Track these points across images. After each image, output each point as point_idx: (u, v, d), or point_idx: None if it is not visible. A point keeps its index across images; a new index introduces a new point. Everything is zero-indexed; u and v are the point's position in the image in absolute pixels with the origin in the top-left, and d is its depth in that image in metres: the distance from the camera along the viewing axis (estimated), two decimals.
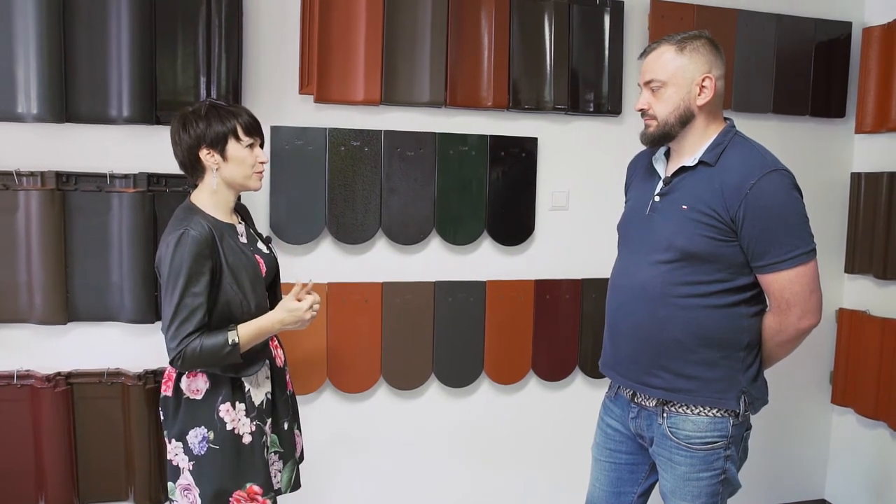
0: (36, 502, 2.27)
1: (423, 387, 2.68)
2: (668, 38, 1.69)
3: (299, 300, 1.77)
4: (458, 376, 2.70)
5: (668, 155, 1.78)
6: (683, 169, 1.69)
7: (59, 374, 2.26)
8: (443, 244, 2.65)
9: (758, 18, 2.88)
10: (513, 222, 2.70)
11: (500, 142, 2.64)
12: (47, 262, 2.19)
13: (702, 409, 1.67)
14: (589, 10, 2.69)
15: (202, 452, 1.74)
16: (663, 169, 1.77)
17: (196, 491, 1.76)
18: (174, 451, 1.78)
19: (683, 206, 1.65)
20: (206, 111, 1.73)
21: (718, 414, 1.66)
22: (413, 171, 2.55)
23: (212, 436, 1.74)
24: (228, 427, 1.74)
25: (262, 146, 1.81)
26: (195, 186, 1.81)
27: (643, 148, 1.86)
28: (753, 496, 3.08)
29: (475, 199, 2.63)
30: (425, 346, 2.64)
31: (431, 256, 2.64)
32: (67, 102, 2.18)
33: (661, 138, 1.71)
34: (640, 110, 1.72)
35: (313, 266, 2.51)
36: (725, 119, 1.74)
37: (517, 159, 2.67)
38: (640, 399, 1.76)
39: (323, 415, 2.59)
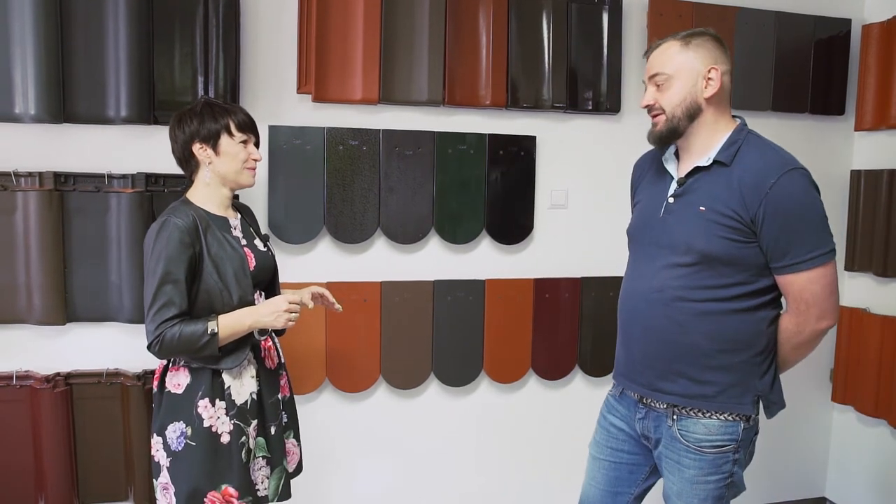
0: (36, 503, 2.27)
1: (422, 386, 2.68)
2: (674, 35, 1.67)
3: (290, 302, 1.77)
4: (458, 375, 2.69)
5: (677, 155, 1.74)
6: (698, 169, 1.64)
7: (58, 374, 2.26)
8: (441, 243, 2.64)
9: (757, 16, 2.87)
10: (512, 221, 2.70)
11: (498, 140, 2.64)
12: (46, 263, 2.19)
13: (713, 412, 1.64)
14: (587, 8, 2.69)
15: (179, 448, 1.73)
16: (675, 169, 1.72)
17: (172, 489, 1.75)
18: (155, 447, 1.79)
19: (701, 208, 1.60)
20: (201, 109, 1.78)
21: (730, 418, 1.64)
22: (411, 170, 2.55)
23: (189, 431, 1.73)
24: (206, 424, 1.73)
25: (257, 145, 1.85)
26: (191, 182, 1.84)
27: (643, 147, 1.83)
28: (754, 494, 3.07)
29: (474, 197, 2.63)
30: (424, 346, 2.64)
31: (430, 255, 2.64)
32: (65, 103, 2.18)
33: (669, 135, 1.66)
34: (647, 106, 1.68)
35: (312, 266, 2.51)
36: (736, 118, 1.70)
37: (516, 158, 2.67)
38: (649, 400, 1.72)
39: (322, 414, 2.58)
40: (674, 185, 1.69)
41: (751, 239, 1.58)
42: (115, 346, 2.33)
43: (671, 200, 1.68)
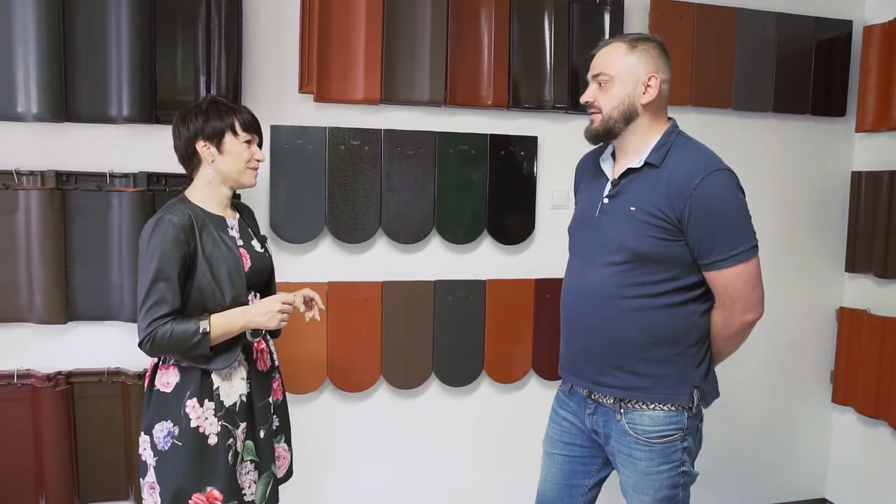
0: (36, 502, 2.27)
1: (423, 386, 2.68)
2: (622, 36, 1.74)
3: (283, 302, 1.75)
4: (458, 375, 2.70)
5: (614, 156, 1.80)
6: (630, 171, 1.72)
7: (59, 373, 2.26)
8: (443, 243, 2.64)
9: (758, 17, 2.88)
10: (513, 221, 2.70)
11: (499, 141, 2.64)
12: (47, 262, 2.19)
13: (657, 404, 1.71)
14: (589, 9, 2.69)
15: (166, 448, 1.72)
16: (610, 170, 1.78)
17: (158, 489, 1.73)
18: (143, 446, 1.77)
19: (632, 208, 1.68)
20: (207, 107, 1.79)
21: (673, 408, 1.71)
22: (413, 170, 2.55)
23: (177, 431, 1.71)
24: (193, 424, 1.71)
25: (260, 146, 1.85)
26: (192, 181, 1.83)
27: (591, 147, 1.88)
28: (754, 495, 3.08)
29: (475, 198, 2.63)
30: (425, 346, 2.64)
31: (431, 255, 2.64)
32: (67, 102, 2.18)
33: (604, 134, 1.73)
34: (586, 103, 1.74)
35: (313, 265, 2.51)
36: (668, 119, 1.76)
37: (517, 158, 2.67)
38: (596, 396, 1.78)
39: (323, 414, 2.59)
40: (608, 187, 1.76)
41: (678, 237, 1.65)
42: (116, 345, 2.33)
43: (606, 201, 1.75)
